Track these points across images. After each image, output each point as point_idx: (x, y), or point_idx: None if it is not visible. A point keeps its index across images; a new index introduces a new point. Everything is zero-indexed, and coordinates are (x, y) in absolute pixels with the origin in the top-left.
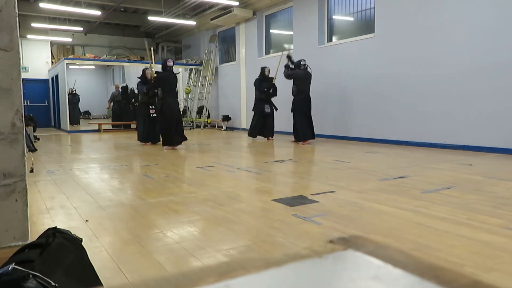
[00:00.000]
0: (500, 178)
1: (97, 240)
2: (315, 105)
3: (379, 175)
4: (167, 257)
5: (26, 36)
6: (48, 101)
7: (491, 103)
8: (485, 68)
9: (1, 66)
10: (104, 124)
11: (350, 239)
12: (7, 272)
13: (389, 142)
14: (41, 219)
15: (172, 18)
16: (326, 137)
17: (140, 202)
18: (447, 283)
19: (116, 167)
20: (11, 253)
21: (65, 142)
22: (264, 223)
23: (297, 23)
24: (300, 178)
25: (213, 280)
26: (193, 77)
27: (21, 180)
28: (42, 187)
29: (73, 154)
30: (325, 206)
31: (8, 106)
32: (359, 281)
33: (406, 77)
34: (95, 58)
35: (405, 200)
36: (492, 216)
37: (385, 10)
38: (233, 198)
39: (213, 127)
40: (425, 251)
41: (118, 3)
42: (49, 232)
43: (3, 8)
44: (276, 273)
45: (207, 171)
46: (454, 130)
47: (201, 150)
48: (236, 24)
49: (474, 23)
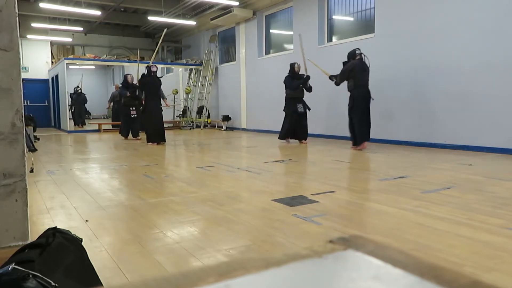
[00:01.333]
0: (500, 178)
1: (97, 240)
2: (315, 105)
3: (379, 175)
4: (167, 257)
5: (26, 36)
6: (48, 101)
7: (491, 103)
8: (485, 68)
9: (1, 66)
10: (104, 124)
11: (350, 239)
12: (7, 272)
13: (389, 142)
14: (41, 219)
15: (172, 18)
16: (326, 137)
17: (140, 202)
18: (447, 283)
19: (116, 167)
20: (11, 253)
21: (65, 142)
22: (264, 223)
23: (297, 23)
24: (300, 178)
25: (213, 280)
26: (193, 77)
27: (21, 180)
28: (42, 187)
29: (73, 154)
30: (325, 206)
31: (8, 106)
32: (359, 281)
33: (406, 77)
34: (95, 58)
35: (405, 200)
36: (492, 216)
37: (385, 10)
38: (233, 198)
39: (213, 127)
40: (425, 251)
41: (118, 3)
42: (49, 232)
43: (3, 8)
44: (276, 273)
45: (207, 171)
46: (454, 130)
47: (201, 150)
48: (236, 24)
49: (474, 23)
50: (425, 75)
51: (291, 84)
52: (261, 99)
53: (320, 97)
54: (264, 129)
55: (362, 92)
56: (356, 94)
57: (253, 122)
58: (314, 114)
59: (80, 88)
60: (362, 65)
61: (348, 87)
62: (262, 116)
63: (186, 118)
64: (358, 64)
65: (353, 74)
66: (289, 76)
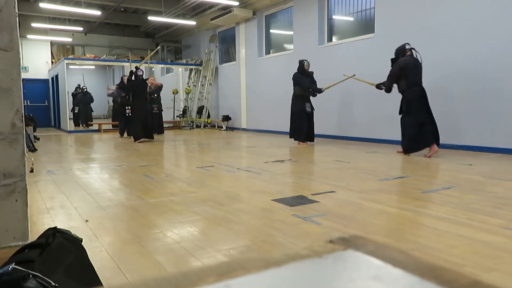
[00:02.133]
0: (500, 178)
1: (97, 240)
2: (316, 105)
3: (379, 175)
4: (167, 257)
5: (26, 36)
6: (48, 101)
7: (491, 103)
8: (485, 68)
9: (1, 66)
10: (104, 124)
11: (350, 239)
12: (7, 272)
13: (389, 142)
14: (41, 219)
15: (172, 18)
16: (326, 137)
17: (140, 202)
18: (447, 283)
19: (116, 167)
20: (11, 253)
21: (65, 142)
22: (264, 223)
23: (297, 23)
24: (300, 178)
25: (213, 280)
26: (193, 77)
27: (21, 180)
28: (42, 187)
29: (73, 154)
30: (325, 206)
31: (8, 106)
32: (359, 281)
33: None
34: (95, 58)
35: (405, 200)
36: (492, 216)
37: (385, 10)
38: (233, 198)
39: (213, 127)
40: (425, 251)
41: (118, 3)
42: (49, 232)
43: (3, 8)
44: (276, 273)
45: (207, 171)
46: (454, 130)
47: (201, 150)
48: (236, 24)
49: (474, 23)
50: (424, 75)
51: (302, 81)
52: (261, 99)
53: (320, 98)
54: (264, 129)
55: (418, 92)
56: (411, 95)
57: (253, 122)
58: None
59: (85, 87)
60: (414, 61)
61: (399, 88)
62: (262, 116)
63: (186, 118)
64: (410, 61)
65: (405, 72)
66: (299, 72)
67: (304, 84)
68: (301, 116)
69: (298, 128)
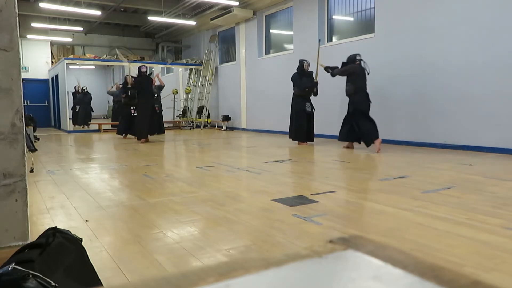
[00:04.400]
0: (500, 178)
1: (97, 240)
2: (316, 106)
3: (379, 175)
4: (167, 257)
5: (26, 36)
6: (48, 101)
7: (491, 103)
8: (485, 68)
9: (1, 66)
10: (104, 124)
11: (350, 239)
12: (7, 272)
13: (389, 142)
14: (41, 219)
15: (172, 18)
16: (326, 137)
17: (140, 202)
18: (447, 283)
19: (116, 167)
20: (11, 253)
21: (65, 142)
22: (264, 223)
23: (297, 23)
24: (300, 178)
25: (213, 280)
26: (193, 77)
27: (21, 180)
28: (42, 187)
29: (73, 154)
30: (325, 206)
31: (8, 106)
32: (359, 281)
33: (406, 77)
34: (95, 58)
35: (405, 200)
36: (492, 216)
37: (385, 10)
38: (233, 198)
39: (213, 127)
40: (425, 251)
41: (118, 3)
42: (49, 232)
43: (3, 8)
44: (276, 273)
45: (207, 171)
46: (454, 130)
47: (201, 150)
48: (236, 24)
49: (474, 23)
50: (425, 75)
51: (299, 83)
52: (261, 99)
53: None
54: (264, 129)
55: (363, 97)
56: (358, 99)
57: (253, 122)
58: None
59: (85, 88)
60: (362, 70)
61: (347, 91)
62: (262, 116)
63: (186, 118)
64: (359, 69)
65: (353, 78)
66: (298, 73)
67: (299, 85)
68: (301, 116)
69: (298, 128)
